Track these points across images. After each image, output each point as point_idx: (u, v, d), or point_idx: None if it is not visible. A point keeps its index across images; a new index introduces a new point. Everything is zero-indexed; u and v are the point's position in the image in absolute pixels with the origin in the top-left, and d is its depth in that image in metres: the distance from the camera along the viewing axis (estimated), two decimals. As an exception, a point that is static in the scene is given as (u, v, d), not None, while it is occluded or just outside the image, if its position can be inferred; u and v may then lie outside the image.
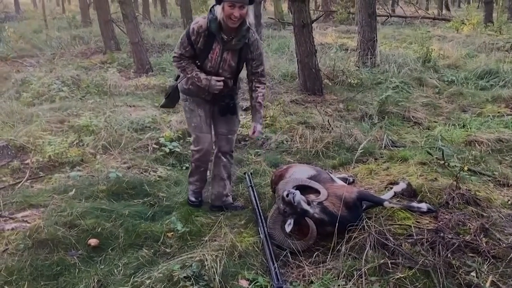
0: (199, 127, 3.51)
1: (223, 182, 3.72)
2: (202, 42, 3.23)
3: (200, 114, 3.50)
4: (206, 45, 3.23)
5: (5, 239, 3.14)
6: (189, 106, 3.52)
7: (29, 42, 13.36)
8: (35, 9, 33.55)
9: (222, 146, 3.65)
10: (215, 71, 3.33)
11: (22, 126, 5.41)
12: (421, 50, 10.22)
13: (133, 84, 8.47)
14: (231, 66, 3.35)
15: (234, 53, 3.30)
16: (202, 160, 3.61)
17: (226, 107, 3.47)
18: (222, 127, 3.60)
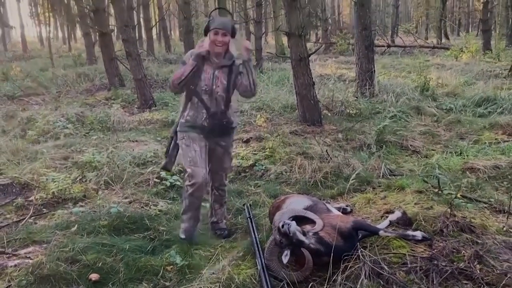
0: (194, 161, 3.66)
1: (214, 211, 4.08)
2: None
3: (195, 149, 3.68)
4: (198, 68, 3.63)
5: (8, 276, 3.20)
6: (185, 142, 3.71)
7: (35, 81, 13.67)
8: (42, 47, 34.39)
9: (214, 182, 3.98)
10: (209, 88, 3.67)
11: (27, 164, 5.53)
12: (419, 79, 10.41)
13: (136, 119, 8.65)
14: (223, 83, 3.71)
15: (224, 73, 3.70)
16: (196, 196, 3.70)
17: (220, 127, 3.77)
18: (214, 164, 3.88)
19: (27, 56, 25.53)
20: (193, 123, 3.73)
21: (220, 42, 3.59)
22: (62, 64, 17.96)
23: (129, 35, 9.94)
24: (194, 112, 3.72)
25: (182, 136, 3.76)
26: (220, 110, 3.74)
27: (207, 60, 3.67)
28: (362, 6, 10.00)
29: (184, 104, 3.79)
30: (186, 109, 3.76)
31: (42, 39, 43.73)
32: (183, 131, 3.76)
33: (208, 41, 3.62)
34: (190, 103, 3.74)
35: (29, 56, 25.54)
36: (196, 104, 3.72)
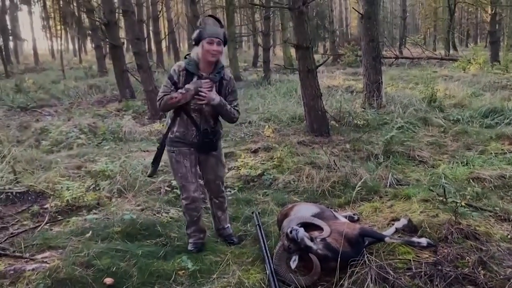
0: (185, 177, 3.70)
1: (218, 219, 4.08)
2: (182, 80, 3.52)
3: (186, 164, 3.69)
4: (185, 83, 3.50)
5: (26, 279, 3.31)
6: (176, 158, 3.70)
7: (47, 92, 13.96)
8: (53, 60, 34.96)
9: (212, 191, 3.98)
10: (199, 107, 3.57)
11: (42, 173, 5.68)
12: (427, 90, 10.49)
13: (147, 130, 8.82)
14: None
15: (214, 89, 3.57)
16: (191, 208, 3.77)
17: (210, 144, 3.70)
18: (209, 174, 3.87)
19: (39, 68, 25.95)
20: (182, 140, 3.66)
21: (215, 51, 3.47)
22: (73, 76, 18.29)
23: (140, 48, 10.16)
24: (183, 129, 3.63)
25: (172, 150, 3.72)
26: (209, 127, 3.66)
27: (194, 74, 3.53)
28: (369, 18, 10.13)
29: (172, 119, 3.67)
30: (175, 124, 3.65)
31: (53, 51, 44.48)
32: (173, 146, 3.70)
33: (201, 51, 3.48)
34: (179, 119, 3.63)
35: (41, 68, 25.99)
36: (186, 121, 3.61)
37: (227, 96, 3.70)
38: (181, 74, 3.52)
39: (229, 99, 3.71)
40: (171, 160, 3.78)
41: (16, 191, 4.95)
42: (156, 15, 25.25)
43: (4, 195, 4.85)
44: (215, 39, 3.46)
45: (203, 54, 3.48)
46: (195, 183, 3.75)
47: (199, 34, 3.47)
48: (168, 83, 3.54)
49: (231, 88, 3.74)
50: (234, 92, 3.77)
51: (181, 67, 3.54)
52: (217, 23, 3.72)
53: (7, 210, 4.67)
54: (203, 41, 3.46)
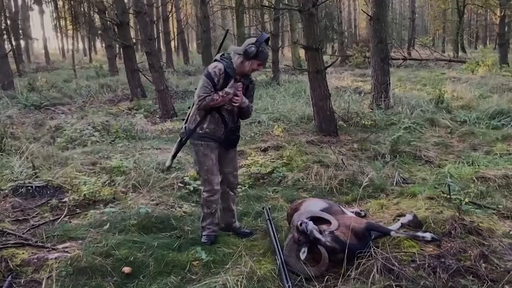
0: (211, 170, 3.91)
1: (232, 213, 4.25)
2: (221, 82, 3.75)
3: (212, 158, 3.91)
4: (223, 85, 3.76)
5: (49, 267, 3.50)
6: (204, 152, 3.89)
7: (60, 91, 14.20)
8: (64, 59, 35.34)
9: (231, 183, 4.17)
10: (231, 108, 3.87)
11: (59, 168, 5.87)
12: (434, 92, 10.60)
13: (159, 128, 9.01)
14: None
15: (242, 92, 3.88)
16: (212, 200, 3.97)
17: (235, 140, 4.05)
18: (228, 166, 4.10)
19: (50, 67, 26.29)
20: (212, 135, 3.88)
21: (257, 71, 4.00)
22: (84, 75, 18.53)
23: (152, 48, 10.37)
24: (214, 126, 3.85)
25: (200, 144, 3.90)
26: (235, 125, 3.99)
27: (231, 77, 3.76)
28: (378, 20, 10.26)
29: (202, 116, 3.85)
30: (205, 121, 3.84)
31: (64, 51, 44.92)
32: (202, 140, 3.88)
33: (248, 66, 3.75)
34: (210, 116, 3.84)
35: (52, 67, 26.31)
36: (217, 119, 3.84)
37: (248, 97, 3.99)
38: (221, 76, 3.73)
39: (249, 100, 4.00)
40: (197, 153, 3.95)
41: (35, 185, 5.14)
42: (166, 15, 25.55)
43: (24, 189, 5.05)
44: (262, 65, 3.90)
45: (248, 69, 3.79)
46: (218, 176, 3.98)
47: (256, 54, 3.70)
48: (209, 84, 3.72)
49: (253, 90, 4.09)
50: (253, 94, 4.14)
51: (222, 70, 3.74)
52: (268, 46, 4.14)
53: (27, 203, 4.87)
54: (255, 61, 3.75)
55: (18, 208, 4.74)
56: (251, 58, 3.71)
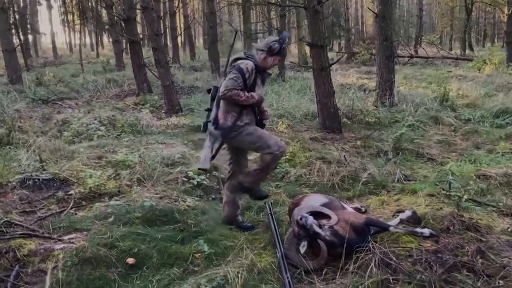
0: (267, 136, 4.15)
1: (237, 206, 4.38)
2: (251, 78, 3.98)
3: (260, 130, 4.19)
4: (254, 81, 4.01)
5: (55, 257, 3.59)
6: (249, 130, 4.09)
7: (67, 86, 14.29)
8: (71, 54, 35.51)
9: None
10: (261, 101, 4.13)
11: (65, 162, 5.96)
12: (439, 90, 10.60)
13: (164, 123, 9.09)
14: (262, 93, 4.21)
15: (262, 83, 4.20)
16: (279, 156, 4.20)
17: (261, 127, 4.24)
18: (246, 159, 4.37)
19: (58, 62, 26.44)
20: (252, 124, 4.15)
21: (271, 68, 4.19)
22: (91, 70, 18.64)
23: (159, 43, 10.44)
24: (251, 117, 4.12)
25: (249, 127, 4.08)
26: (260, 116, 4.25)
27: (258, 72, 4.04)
28: (384, 17, 10.26)
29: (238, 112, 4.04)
30: (242, 115, 4.06)
31: (71, 45, 45.11)
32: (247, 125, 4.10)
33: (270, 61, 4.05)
34: (245, 110, 4.09)
35: (60, 62, 26.46)
36: (251, 112, 4.12)
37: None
38: (252, 73, 3.95)
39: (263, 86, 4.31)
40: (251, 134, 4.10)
41: (42, 178, 5.23)
42: (173, 10, 25.59)
43: (31, 181, 5.14)
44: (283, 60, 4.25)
45: (270, 64, 4.10)
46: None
47: (279, 50, 4.01)
48: (239, 78, 3.91)
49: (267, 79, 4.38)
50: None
51: (253, 67, 3.97)
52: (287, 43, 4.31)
53: (34, 195, 4.96)
54: (277, 57, 4.07)
55: (26, 200, 4.84)
56: (274, 54, 4.01)
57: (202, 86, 13.85)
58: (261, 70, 4.08)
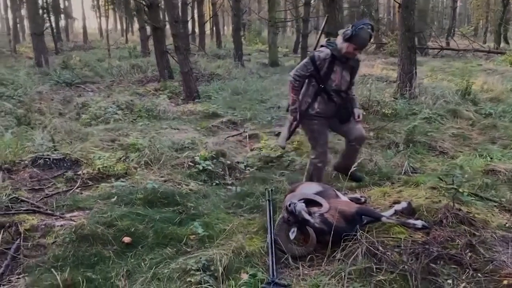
0: (324, 144, 4.41)
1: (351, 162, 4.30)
2: (326, 66, 4.08)
3: (326, 133, 4.45)
4: (329, 68, 4.11)
5: (55, 233, 3.74)
6: (318, 129, 4.36)
7: (92, 70, 14.62)
8: (101, 39, 36.11)
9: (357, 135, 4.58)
10: (338, 88, 4.25)
11: (79, 143, 6.15)
12: (461, 83, 10.35)
13: (180, 109, 9.22)
14: (347, 81, 4.32)
15: (348, 71, 4.26)
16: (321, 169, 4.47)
17: (346, 114, 4.44)
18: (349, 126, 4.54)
19: (87, 46, 26.97)
20: (324, 114, 4.29)
21: (353, 55, 4.14)
22: (118, 56, 18.95)
23: (178, 30, 10.54)
24: (324, 106, 4.23)
25: (315, 122, 4.35)
26: (344, 103, 4.35)
27: (337, 60, 4.09)
28: (407, 8, 10.05)
29: (312, 98, 4.25)
30: (315, 102, 4.23)
31: (102, 30, 45.85)
32: (316, 119, 4.33)
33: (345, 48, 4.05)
34: (319, 97, 4.21)
35: (89, 46, 26.99)
36: (326, 99, 4.22)
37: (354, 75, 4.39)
38: (325, 61, 4.08)
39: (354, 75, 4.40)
40: (312, 131, 4.38)
41: (53, 158, 5.41)
42: (200, -2, 25.69)
43: (42, 160, 5.32)
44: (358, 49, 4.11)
45: (345, 52, 4.07)
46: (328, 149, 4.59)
47: (350, 37, 3.98)
48: (309, 65, 4.13)
49: (358, 67, 4.44)
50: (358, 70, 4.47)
51: (328, 55, 4.09)
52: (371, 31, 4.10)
53: (44, 174, 5.14)
54: (351, 44, 4.02)
55: (35, 178, 5.03)
56: (346, 40, 3.99)
57: (222, 74, 13.91)
58: (342, 58, 4.09)
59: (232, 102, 9.69)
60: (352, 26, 3.97)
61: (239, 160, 5.90)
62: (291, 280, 3.05)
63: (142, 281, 3.12)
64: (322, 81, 4.18)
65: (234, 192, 4.88)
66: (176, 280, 3.05)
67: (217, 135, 7.15)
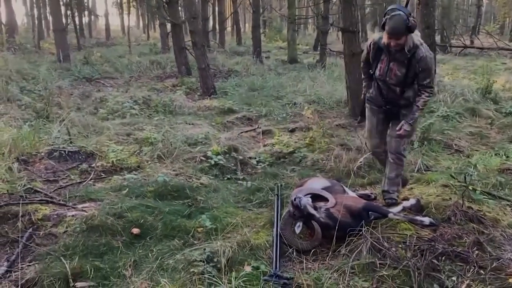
0: (369, 132, 4.31)
1: (385, 179, 4.25)
2: (373, 53, 3.96)
3: (372, 121, 4.24)
4: (375, 56, 3.95)
5: (66, 223, 3.84)
6: (368, 113, 4.29)
7: (112, 66, 14.80)
8: (123, 35, 36.50)
9: (389, 147, 4.21)
10: (383, 79, 3.97)
11: (94, 137, 6.25)
12: (482, 81, 10.17)
13: (196, 105, 9.28)
14: (397, 75, 3.86)
15: (400, 64, 3.81)
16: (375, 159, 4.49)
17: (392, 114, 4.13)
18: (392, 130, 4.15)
19: (109, 43, 27.32)
20: (375, 101, 4.18)
21: (393, 46, 3.68)
22: (138, 52, 19.15)
23: (196, 26, 10.60)
24: (375, 92, 4.12)
25: (367, 106, 4.29)
26: (395, 96, 3.98)
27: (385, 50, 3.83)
28: (427, 5, 9.88)
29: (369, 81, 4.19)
30: (371, 86, 4.17)
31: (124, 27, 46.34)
32: (368, 103, 4.27)
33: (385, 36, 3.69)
34: (373, 83, 4.12)
35: (111, 43, 27.34)
36: (376, 87, 4.09)
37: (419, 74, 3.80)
38: (372, 48, 3.95)
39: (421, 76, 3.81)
40: (366, 113, 4.32)
41: (69, 150, 5.51)
42: (221, -5, 25.74)
43: (58, 153, 5.43)
44: (392, 37, 3.63)
45: (384, 41, 3.73)
46: (378, 139, 4.28)
47: (383, 25, 3.69)
48: (365, 51, 4.13)
49: (423, 66, 3.74)
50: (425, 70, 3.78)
51: (372, 43, 3.97)
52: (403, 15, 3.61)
53: (59, 166, 5.25)
54: (386, 33, 3.68)
55: (51, 170, 5.14)
56: (382, 28, 3.72)
57: (240, 70, 13.94)
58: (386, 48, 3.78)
59: (248, 98, 9.70)
60: (385, 14, 3.70)
61: (251, 155, 5.92)
62: (294, 274, 3.05)
63: (148, 271, 3.17)
64: (371, 67, 4.05)
65: (245, 187, 4.89)
66: (180, 270, 3.09)
67: (231, 130, 7.19)
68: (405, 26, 3.57)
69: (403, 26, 3.56)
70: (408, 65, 3.77)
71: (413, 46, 3.70)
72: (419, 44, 3.72)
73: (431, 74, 3.82)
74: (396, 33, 3.61)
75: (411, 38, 3.67)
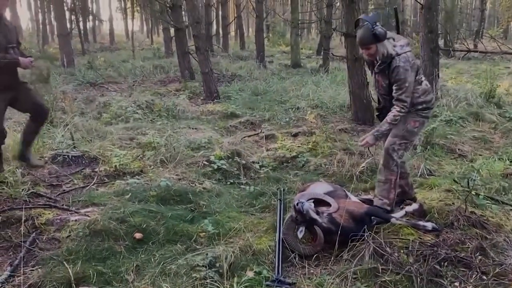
0: None
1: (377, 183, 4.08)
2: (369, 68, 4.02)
3: None
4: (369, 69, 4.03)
5: (69, 228, 3.84)
6: None
7: (116, 70, 14.86)
8: (127, 40, 36.66)
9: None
10: (376, 89, 4.03)
11: (98, 141, 6.27)
12: (486, 85, 10.16)
13: (199, 109, 9.29)
14: (383, 86, 3.85)
15: (383, 76, 3.79)
16: None
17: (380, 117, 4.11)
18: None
19: (113, 48, 27.44)
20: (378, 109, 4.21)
21: (368, 57, 3.80)
22: (142, 57, 19.22)
23: (199, 31, 10.63)
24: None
25: None
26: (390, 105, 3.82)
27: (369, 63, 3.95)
28: (429, 9, 9.89)
29: None
30: None
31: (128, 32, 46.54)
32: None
33: None
34: None
35: (115, 48, 27.45)
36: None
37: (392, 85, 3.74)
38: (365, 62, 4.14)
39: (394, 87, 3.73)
40: None
41: (72, 155, 5.54)
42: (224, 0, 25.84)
43: (61, 157, 5.46)
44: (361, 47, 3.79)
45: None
46: None
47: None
48: None
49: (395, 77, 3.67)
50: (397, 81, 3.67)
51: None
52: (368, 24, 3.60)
53: (63, 170, 5.27)
54: None
55: (54, 174, 5.16)
56: None
57: (243, 75, 13.97)
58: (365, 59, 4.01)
59: (252, 103, 9.72)
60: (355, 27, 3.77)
61: (254, 160, 5.92)
62: (296, 279, 3.06)
63: (150, 276, 3.18)
64: None
65: (247, 192, 4.89)
66: (182, 275, 3.10)
67: (234, 135, 7.19)
68: (371, 35, 3.55)
69: (369, 35, 3.56)
70: (389, 76, 3.73)
71: (387, 55, 3.64)
72: (394, 54, 3.64)
73: (402, 87, 3.65)
74: (364, 43, 3.65)
75: (383, 47, 3.62)
